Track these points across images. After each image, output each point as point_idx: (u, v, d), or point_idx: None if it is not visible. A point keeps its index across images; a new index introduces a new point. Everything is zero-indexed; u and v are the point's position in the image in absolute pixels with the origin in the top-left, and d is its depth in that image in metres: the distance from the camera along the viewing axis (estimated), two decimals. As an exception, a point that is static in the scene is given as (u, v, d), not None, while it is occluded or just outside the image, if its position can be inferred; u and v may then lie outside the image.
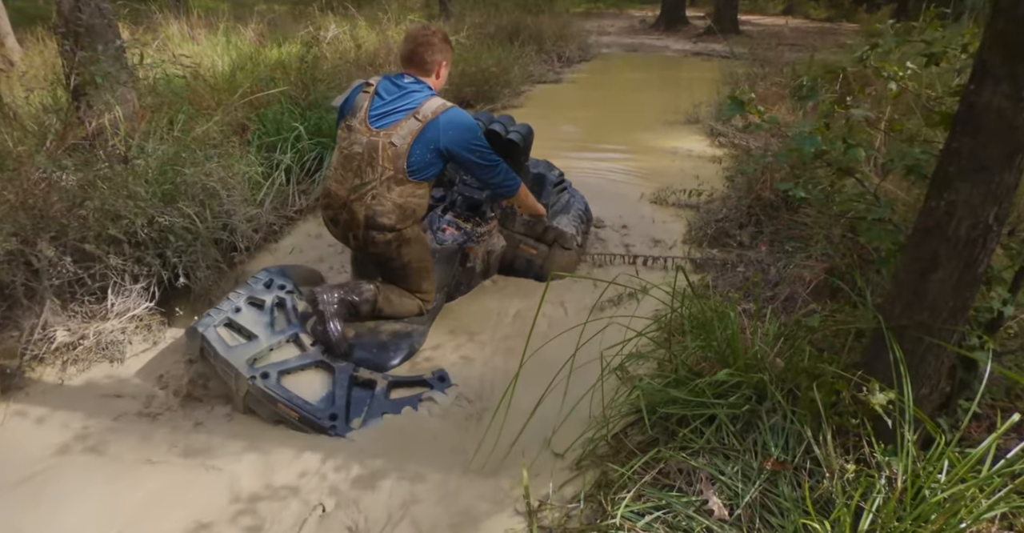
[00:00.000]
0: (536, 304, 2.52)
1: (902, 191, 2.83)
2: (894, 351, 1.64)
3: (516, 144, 2.99)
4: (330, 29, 6.05)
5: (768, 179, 3.48)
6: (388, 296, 2.62)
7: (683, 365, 2.05)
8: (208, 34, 5.87)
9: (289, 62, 4.91)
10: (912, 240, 1.61)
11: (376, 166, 2.43)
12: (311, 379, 2.38)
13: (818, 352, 1.98)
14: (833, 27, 14.04)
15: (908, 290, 1.63)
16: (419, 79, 2.51)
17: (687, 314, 2.22)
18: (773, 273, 2.90)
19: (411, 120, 2.41)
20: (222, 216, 3.08)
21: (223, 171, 3.18)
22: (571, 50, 9.83)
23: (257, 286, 2.65)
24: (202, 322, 2.47)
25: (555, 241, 3.10)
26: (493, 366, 2.62)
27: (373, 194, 2.45)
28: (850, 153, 2.07)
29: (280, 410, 2.25)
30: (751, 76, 6.53)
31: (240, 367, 2.31)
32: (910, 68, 2.20)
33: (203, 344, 2.41)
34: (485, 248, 3.01)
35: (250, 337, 2.45)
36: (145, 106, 3.50)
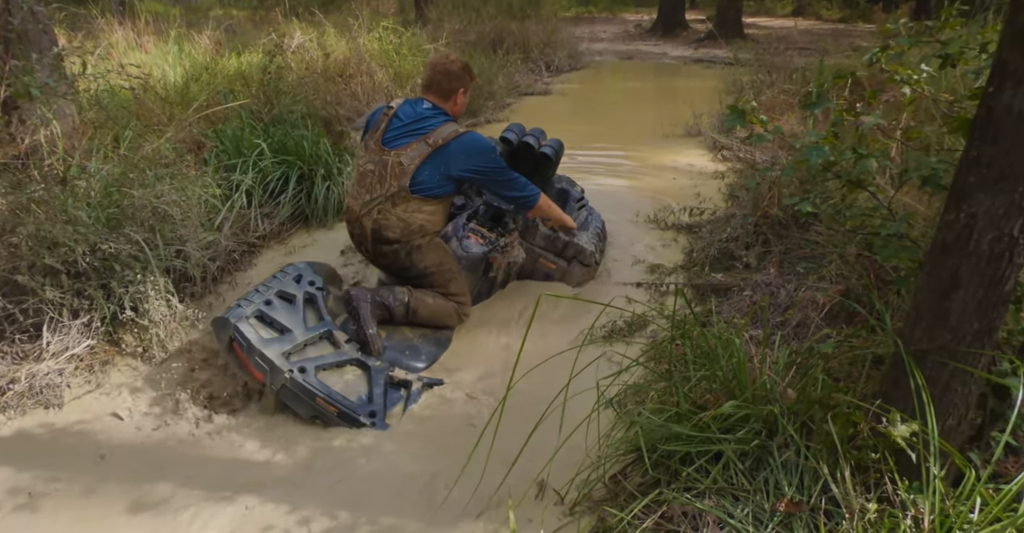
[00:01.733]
0: (523, 333, 2.54)
1: (920, 204, 2.88)
2: (915, 378, 1.65)
3: (548, 158, 3.36)
4: (295, 37, 6.14)
5: (775, 195, 3.53)
6: (422, 299, 2.92)
7: (685, 397, 2.06)
8: (158, 42, 5.93)
9: (250, 73, 4.98)
10: (931, 257, 1.64)
11: (384, 183, 2.82)
12: (347, 377, 2.63)
13: (833, 381, 2.00)
14: (847, 28, 14.38)
15: (928, 311, 1.64)
16: (436, 105, 2.91)
17: (689, 342, 2.23)
18: (783, 296, 2.93)
19: (421, 144, 2.81)
20: (175, 243, 3.09)
21: (176, 193, 3.20)
22: (560, 58, 10.01)
23: (286, 280, 2.85)
24: (232, 313, 2.62)
25: (574, 257, 3.38)
26: (474, 404, 2.64)
27: (379, 209, 2.84)
28: (861, 164, 2.12)
29: (319, 405, 2.47)
30: (757, 84, 6.67)
31: (276, 360, 2.50)
32: (925, 71, 2.26)
33: (234, 335, 2.57)
34: (507, 259, 3.26)
35: (283, 331, 2.66)
36: (87, 121, 3.52)
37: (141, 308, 2.84)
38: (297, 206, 4.12)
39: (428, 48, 7.22)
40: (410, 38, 7.25)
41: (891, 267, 2.56)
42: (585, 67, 10.43)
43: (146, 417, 2.59)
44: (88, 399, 2.65)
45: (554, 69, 9.73)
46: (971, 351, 1.61)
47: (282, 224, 4.03)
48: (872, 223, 2.55)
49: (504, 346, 3.02)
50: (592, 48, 12.14)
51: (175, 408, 2.62)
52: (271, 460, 2.38)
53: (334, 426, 2.52)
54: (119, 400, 2.66)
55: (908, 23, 2.34)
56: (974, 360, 1.62)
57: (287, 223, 4.06)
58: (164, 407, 2.64)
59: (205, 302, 3.20)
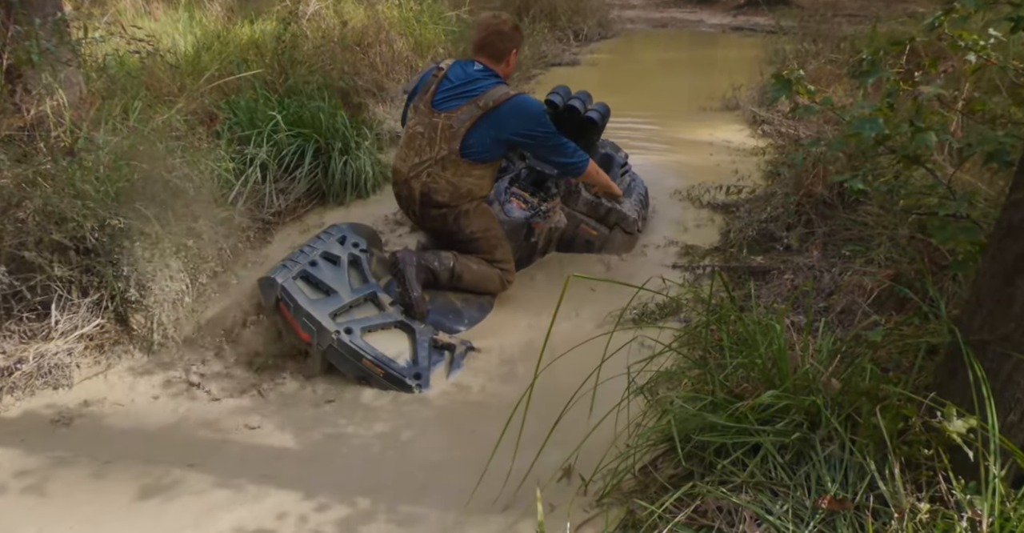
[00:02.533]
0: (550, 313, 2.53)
1: (983, 182, 2.80)
2: (974, 370, 1.62)
3: (595, 122, 3.44)
4: (311, 4, 6.10)
5: (821, 172, 3.46)
6: (467, 264, 3.03)
7: (721, 386, 2.03)
8: (167, 9, 5.93)
9: (264, 42, 4.96)
10: (994, 239, 1.60)
11: (434, 146, 2.92)
12: (393, 338, 2.77)
13: (882, 371, 1.97)
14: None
15: (990, 298, 1.61)
16: (488, 66, 2.99)
17: (725, 328, 2.20)
18: (827, 281, 2.88)
19: (472, 106, 2.89)
20: (186, 218, 3.09)
21: (187, 167, 3.20)
22: (589, 27, 9.87)
23: (331, 241, 2.97)
24: (278, 272, 2.75)
25: (616, 224, 3.47)
26: (496, 389, 2.65)
27: (428, 172, 2.95)
28: (918, 138, 2.04)
29: (365, 366, 2.61)
30: (801, 53, 6.52)
31: (323, 321, 2.62)
32: (993, 36, 2.18)
33: (281, 295, 2.69)
34: (549, 224, 3.34)
35: (328, 292, 2.78)
36: (94, 91, 3.52)
37: (151, 287, 2.85)
38: (313, 181, 4.11)
39: (450, 15, 7.16)
40: (431, 5, 7.19)
41: (947, 250, 2.50)
42: (616, 36, 10.28)
43: (156, 399, 2.62)
44: (98, 380, 2.69)
45: (583, 38, 9.60)
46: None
47: (298, 200, 4.03)
48: (928, 202, 2.50)
49: (530, 326, 3.01)
50: (623, 16, 11.95)
51: (187, 391, 2.64)
52: (285, 445, 2.40)
53: (346, 413, 2.53)
54: (129, 381, 2.69)
55: (977, -18, 2.24)
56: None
57: (303, 199, 4.06)
58: (176, 389, 2.66)
59: (219, 280, 3.21)
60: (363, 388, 2.68)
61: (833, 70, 5.55)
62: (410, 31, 6.48)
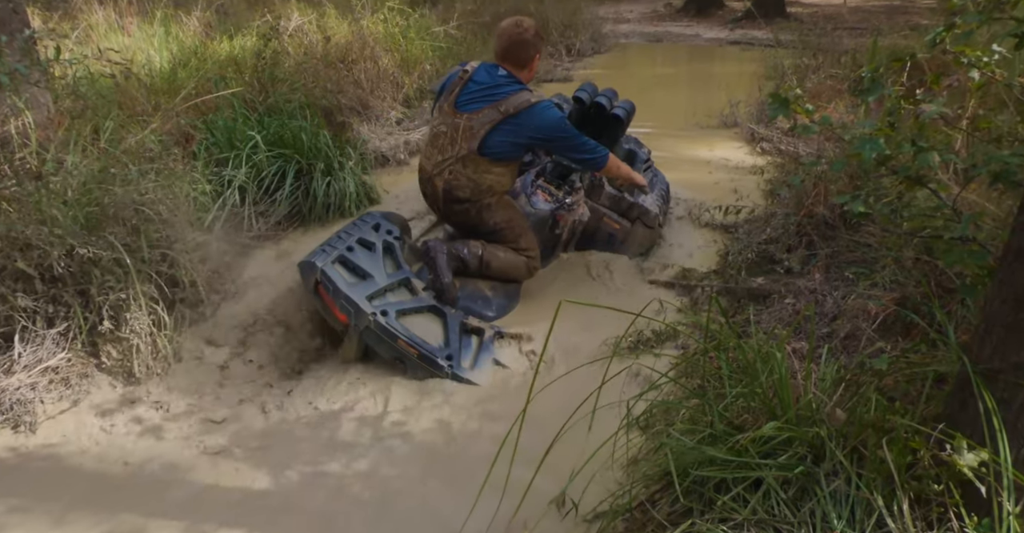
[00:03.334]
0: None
1: (990, 203, 2.81)
2: (984, 400, 1.60)
3: (620, 119, 3.71)
4: (292, 18, 6.15)
5: (822, 192, 3.47)
6: (495, 252, 3.27)
7: (720, 417, 2.01)
8: (142, 23, 5.95)
9: (243, 58, 4.98)
10: (1004, 263, 1.60)
11: (455, 144, 3.16)
12: (426, 322, 2.98)
13: (888, 401, 1.95)
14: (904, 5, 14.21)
15: (1000, 325, 1.60)
16: (512, 73, 3.20)
17: (724, 355, 2.18)
18: (830, 305, 2.88)
19: (493, 110, 3.11)
20: (161, 244, 3.08)
21: (162, 190, 3.19)
22: (582, 41, 9.98)
23: (366, 228, 3.21)
24: (317, 257, 2.97)
25: (638, 218, 3.71)
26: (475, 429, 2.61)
27: (451, 170, 3.19)
28: (921, 158, 2.06)
29: (400, 347, 2.81)
30: (801, 68, 6.59)
31: (361, 303, 2.83)
32: (997, 52, 2.20)
33: (320, 278, 2.89)
34: (573, 217, 3.58)
35: (364, 276, 3.00)
36: (63, 111, 3.52)
37: (122, 317, 2.82)
38: (295, 204, 4.11)
39: (438, 30, 7.21)
40: (418, 20, 7.25)
41: (954, 274, 2.50)
42: (610, 51, 10.39)
43: (125, 438, 2.58)
44: (63, 418, 2.65)
45: (576, 53, 9.70)
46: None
47: (278, 223, 4.03)
48: (933, 224, 2.50)
49: (527, 351, 3.02)
50: (617, 30, 12.10)
51: (157, 428, 2.60)
52: (260, 487, 2.36)
53: (329, 448, 2.50)
54: (96, 418, 2.65)
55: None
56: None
57: (284, 222, 4.06)
58: (145, 426, 2.63)
59: (198, 311, 3.18)
60: (342, 423, 2.65)
61: (834, 85, 5.60)
62: (396, 47, 6.52)
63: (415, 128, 5.91)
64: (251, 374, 2.96)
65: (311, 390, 2.83)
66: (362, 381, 2.85)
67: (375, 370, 2.92)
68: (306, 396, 2.80)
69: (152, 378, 2.85)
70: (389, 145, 5.41)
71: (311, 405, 2.75)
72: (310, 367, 3.08)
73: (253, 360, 3.04)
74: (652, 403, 2.23)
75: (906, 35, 7.08)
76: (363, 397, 2.78)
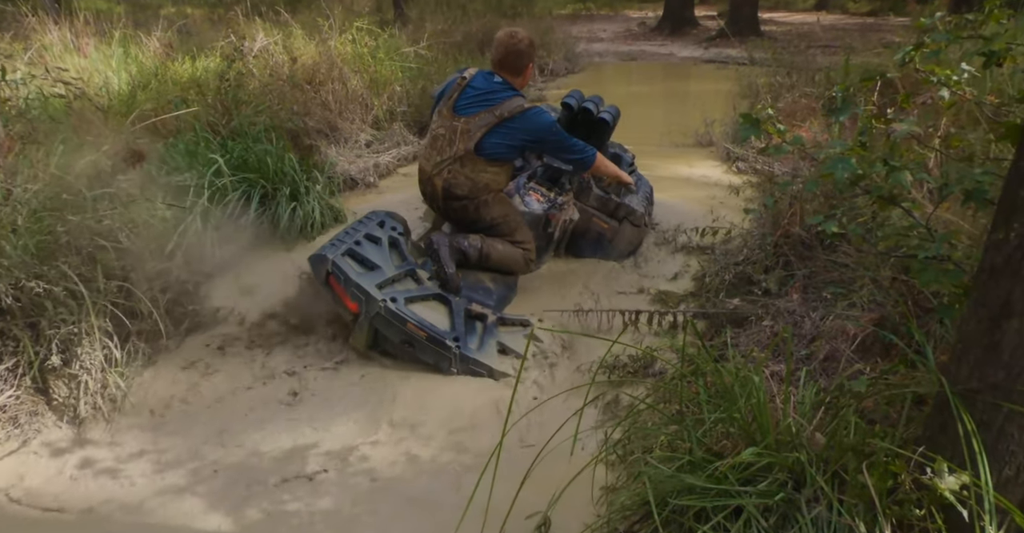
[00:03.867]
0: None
1: (964, 221, 2.86)
2: (964, 422, 1.61)
3: (607, 123, 4.02)
4: (258, 39, 6.15)
5: (798, 211, 3.51)
6: (493, 245, 3.53)
7: (699, 443, 2.02)
8: (99, 44, 5.90)
9: (206, 80, 4.96)
10: (978, 281, 1.61)
11: (453, 145, 3.45)
12: (432, 308, 3.23)
13: (868, 424, 1.96)
14: (877, 23, 14.55)
15: (977, 344, 1.61)
16: (507, 80, 3.49)
17: (702, 380, 2.19)
18: (808, 326, 2.90)
19: (489, 114, 3.41)
20: (117, 274, 3.03)
21: (119, 217, 3.15)
22: (556, 61, 10.10)
23: (371, 225, 3.46)
24: (328, 250, 3.20)
25: (625, 218, 4.00)
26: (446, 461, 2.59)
27: (449, 169, 3.48)
28: (894, 177, 2.09)
29: (410, 330, 3.05)
30: (775, 86, 6.71)
31: (371, 290, 3.08)
32: (966, 70, 2.25)
33: (331, 269, 3.13)
34: (564, 216, 3.88)
35: (372, 268, 3.24)
36: (13, 135, 3.47)
37: (72, 352, 2.77)
38: (260, 230, 4.08)
39: (408, 51, 7.25)
40: (387, 40, 7.29)
41: (932, 293, 2.53)
42: (584, 70, 10.51)
43: (75, 481, 2.52)
44: (9, 459, 2.58)
45: (549, 73, 9.81)
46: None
47: (243, 249, 3.99)
48: (908, 244, 2.53)
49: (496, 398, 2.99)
50: (591, 49, 12.25)
51: (110, 471, 2.55)
52: (222, 528, 2.31)
53: (292, 485, 2.46)
54: (45, 459, 2.59)
55: (946, 16, 2.32)
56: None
57: (248, 248, 4.02)
58: (98, 468, 2.57)
59: (159, 343, 3.14)
60: (308, 458, 2.62)
61: (808, 104, 5.70)
62: (365, 68, 6.54)
63: (385, 150, 5.93)
64: (212, 411, 2.91)
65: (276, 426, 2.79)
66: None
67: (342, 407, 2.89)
68: (271, 431, 2.76)
69: (104, 416, 2.80)
70: (358, 168, 5.42)
71: (275, 441, 2.71)
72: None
73: (214, 395, 3.00)
74: (629, 429, 2.23)
75: (879, 53, 7.24)
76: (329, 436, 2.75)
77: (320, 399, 2.95)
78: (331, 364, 3.16)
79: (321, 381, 3.06)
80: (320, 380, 3.07)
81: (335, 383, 3.05)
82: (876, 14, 16.30)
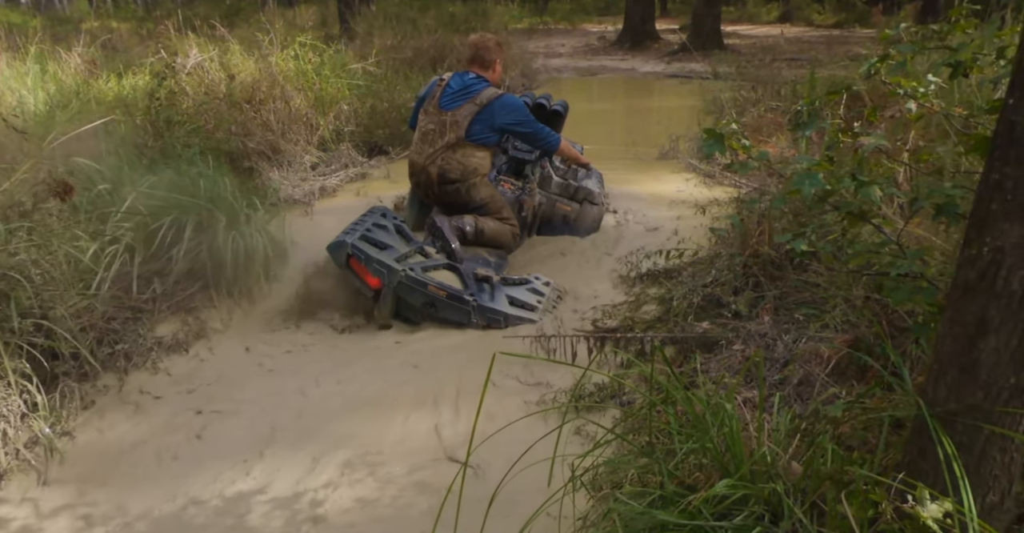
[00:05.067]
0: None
1: (937, 237, 2.92)
2: (944, 445, 1.63)
3: (560, 114, 5.02)
4: (191, 55, 6.11)
5: (766, 229, 3.56)
6: (486, 222, 4.30)
7: (670, 476, 2.00)
8: (12, 60, 5.80)
9: (134, 99, 4.90)
10: (952, 300, 1.63)
11: (444, 136, 4.27)
12: (444, 274, 3.92)
13: (846, 451, 1.97)
14: (843, 34, 14.96)
15: (953, 364, 1.63)
16: (479, 74, 4.36)
17: (672, 409, 2.19)
18: (781, 349, 2.92)
19: (471, 104, 4.26)
20: (33, 313, 2.95)
21: (36, 250, 3.07)
22: (512, 77, 10.18)
23: (375, 216, 4.16)
24: (345, 237, 3.82)
25: (585, 199, 4.80)
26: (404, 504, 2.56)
27: (443, 157, 4.28)
28: (863, 192, 2.13)
29: (431, 291, 3.73)
30: (740, 101, 6.83)
31: (391, 263, 3.75)
32: (933, 82, 2.31)
33: (352, 251, 3.74)
34: (533, 201, 4.67)
35: (385, 247, 3.90)
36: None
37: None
38: (197, 260, 4.01)
39: (355, 67, 7.26)
40: (333, 56, 7.29)
41: (906, 312, 2.57)
42: (541, 86, 10.61)
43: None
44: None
45: (506, 89, 9.86)
46: (1009, 411, 1.59)
47: (177, 283, 3.92)
48: (880, 261, 2.57)
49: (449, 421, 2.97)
50: (549, 64, 12.40)
51: (32, 529, 2.46)
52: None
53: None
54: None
55: (911, 27, 2.39)
56: (1014, 422, 1.60)
57: (183, 282, 3.95)
58: (15, 527, 2.47)
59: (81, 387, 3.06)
60: (251, 507, 2.56)
61: (774, 118, 5.83)
62: (309, 85, 6.53)
63: (332, 173, 5.91)
64: (147, 461, 2.84)
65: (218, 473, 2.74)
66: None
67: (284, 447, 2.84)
68: (212, 478, 2.71)
69: (22, 476, 2.71)
70: (303, 192, 5.39)
71: (217, 490, 2.65)
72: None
73: (149, 440, 2.93)
74: (597, 463, 2.21)
75: (845, 65, 7.45)
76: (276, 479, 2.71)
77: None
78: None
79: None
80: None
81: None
82: (841, 26, 16.77)
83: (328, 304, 4.01)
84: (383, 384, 3.24)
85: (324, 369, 3.41)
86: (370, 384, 3.25)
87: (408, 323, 3.86)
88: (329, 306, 4.00)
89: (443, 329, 3.78)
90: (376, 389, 3.20)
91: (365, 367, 3.42)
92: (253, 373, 3.42)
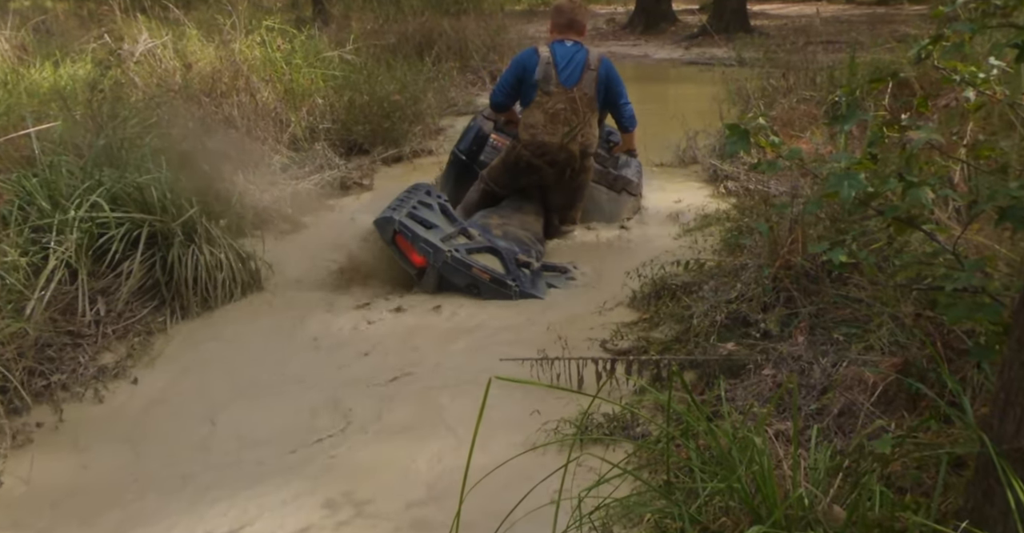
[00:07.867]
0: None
1: (1001, 245, 2.90)
2: (1013, 488, 1.61)
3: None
4: (140, 40, 6.10)
5: (799, 237, 3.53)
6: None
7: (693, 521, 1.99)
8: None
9: (72, 91, 4.88)
10: (1019, 317, 1.62)
11: (579, 113, 4.81)
12: (487, 257, 4.42)
13: (897, 493, 1.96)
14: (888, 13, 14.99)
15: (1023, 394, 1.62)
16: (577, 41, 4.89)
17: (693, 443, 2.17)
18: (818, 375, 2.90)
19: (588, 72, 4.81)
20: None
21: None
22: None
23: (420, 194, 4.68)
24: (392, 213, 4.30)
25: (624, 189, 5.40)
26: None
27: (583, 133, 4.84)
28: (912, 195, 2.11)
29: (475, 274, 4.25)
30: (768, 91, 6.84)
31: (438, 243, 4.25)
32: (995, 66, 2.28)
33: (399, 228, 4.21)
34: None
35: (431, 227, 4.38)
36: None
37: None
38: (150, 278, 3.99)
39: (331, 55, 7.26)
40: (305, 42, 7.29)
41: (964, 332, 2.55)
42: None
43: None
44: None
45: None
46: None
47: (127, 303, 3.91)
48: (933, 273, 2.55)
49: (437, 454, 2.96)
50: (551, 51, 12.40)
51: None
52: None
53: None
54: None
55: (970, 2, 2.35)
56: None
57: (134, 302, 3.94)
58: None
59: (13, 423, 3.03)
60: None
61: (808, 110, 5.82)
62: (278, 76, 6.54)
63: (305, 175, 5.88)
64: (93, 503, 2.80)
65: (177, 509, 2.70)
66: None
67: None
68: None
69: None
70: (272, 197, 5.36)
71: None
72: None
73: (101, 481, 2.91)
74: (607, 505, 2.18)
75: (891, 48, 7.42)
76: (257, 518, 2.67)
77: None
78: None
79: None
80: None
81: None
82: (887, 2, 16.77)
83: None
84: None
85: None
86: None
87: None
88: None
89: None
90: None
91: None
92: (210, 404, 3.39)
